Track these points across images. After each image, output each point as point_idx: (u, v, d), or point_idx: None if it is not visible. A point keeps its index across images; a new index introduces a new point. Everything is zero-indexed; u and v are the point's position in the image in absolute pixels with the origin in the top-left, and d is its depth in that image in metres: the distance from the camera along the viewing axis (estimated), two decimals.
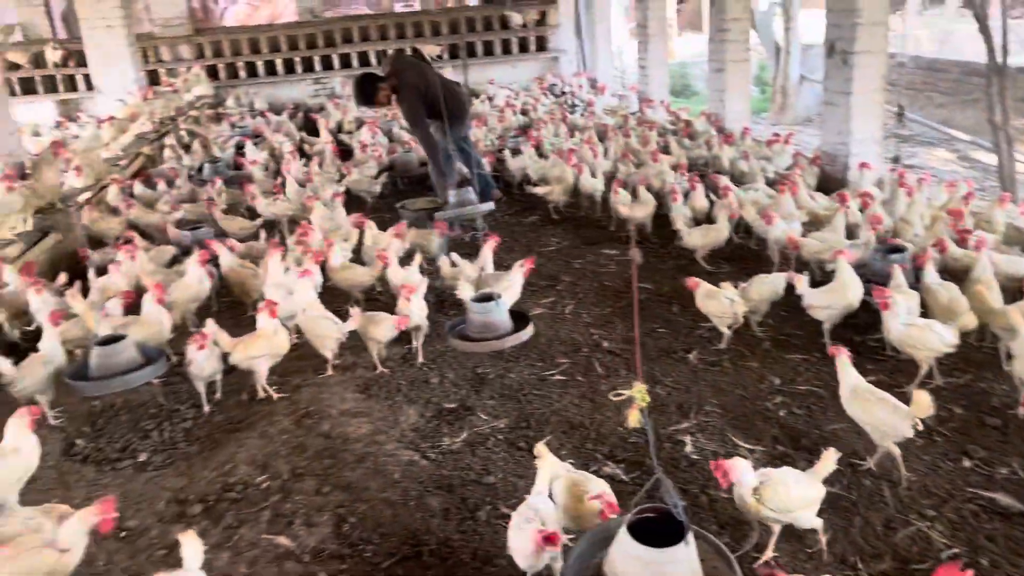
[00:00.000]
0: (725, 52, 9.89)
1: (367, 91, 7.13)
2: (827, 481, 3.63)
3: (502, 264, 5.92)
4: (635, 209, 7.10)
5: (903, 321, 4.34)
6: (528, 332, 4.51)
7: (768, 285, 5.10)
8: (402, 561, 3.31)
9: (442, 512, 3.61)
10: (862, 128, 7.62)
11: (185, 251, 6.49)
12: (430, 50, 16.04)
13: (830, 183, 7.73)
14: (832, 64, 7.72)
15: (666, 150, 8.90)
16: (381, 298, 5.88)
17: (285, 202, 7.55)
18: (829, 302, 4.81)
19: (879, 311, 4.49)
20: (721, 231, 6.28)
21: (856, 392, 3.71)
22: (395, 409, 4.53)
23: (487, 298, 4.58)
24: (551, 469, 3.17)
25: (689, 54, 23.38)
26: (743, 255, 6.61)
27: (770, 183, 7.65)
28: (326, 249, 5.83)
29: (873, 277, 5.06)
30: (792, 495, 3.05)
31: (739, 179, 7.98)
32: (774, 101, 16.46)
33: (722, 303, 4.90)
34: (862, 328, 5.10)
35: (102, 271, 5.91)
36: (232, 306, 5.97)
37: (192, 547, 2.81)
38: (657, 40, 12.46)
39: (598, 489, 2.98)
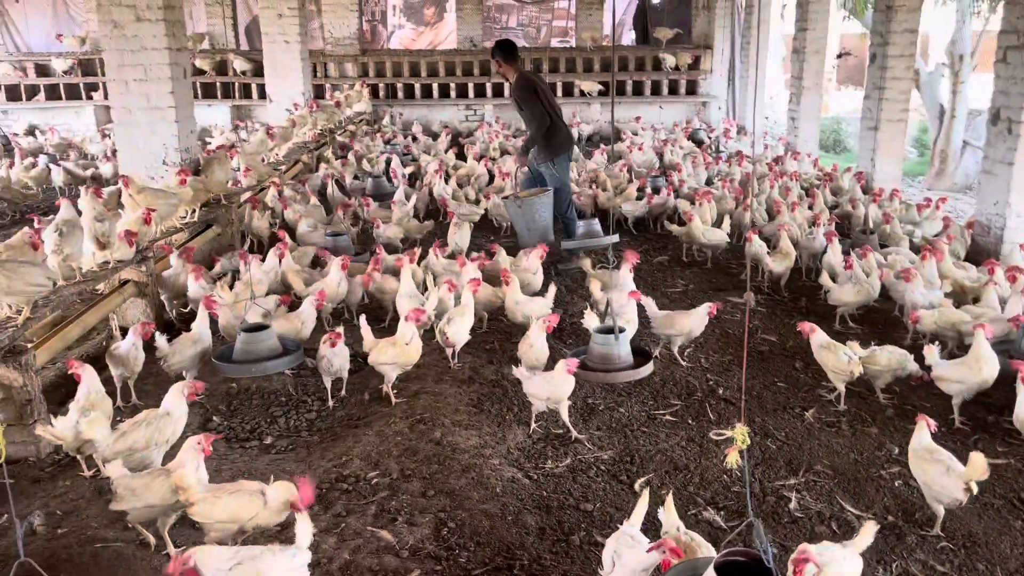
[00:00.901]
0: (881, 111, 9.61)
1: (503, 48, 7.67)
2: (937, 559, 3.52)
3: None
4: (775, 260, 6.97)
5: None
6: (645, 371, 4.56)
7: (897, 356, 4.92)
8: (494, 571, 3.43)
9: (537, 531, 3.71)
10: (1023, 202, 7.23)
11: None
12: (588, 87, 16.35)
13: (981, 255, 7.36)
14: (996, 132, 7.38)
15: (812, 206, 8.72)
16: (503, 319, 6.04)
17: (396, 227, 7.78)
18: (961, 376, 4.60)
19: (1016, 391, 4.27)
20: (873, 285, 6.10)
21: (916, 452, 3.77)
22: (504, 427, 4.67)
23: (611, 330, 4.66)
24: (667, 522, 3.18)
25: (846, 109, 22.69)
26: (876, 318, 6.40)
27: (916, 249, 7.37)
28: (459, 266, 6.09)
29: (1017, 354, 4.81)
30: (845, 574, 2.90)
31: (883, 241, 7.74)
32: (932, 165, 15.73)
33: (839, 358, 4.79)
34: (997, 408, 4.85)
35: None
36: (368, 309, 6.27)
37: (304, 526, 3.02)
38: (811, 93, 12.26)
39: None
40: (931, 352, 4.74)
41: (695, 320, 5.44)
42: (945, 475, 3.58)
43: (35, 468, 4.21)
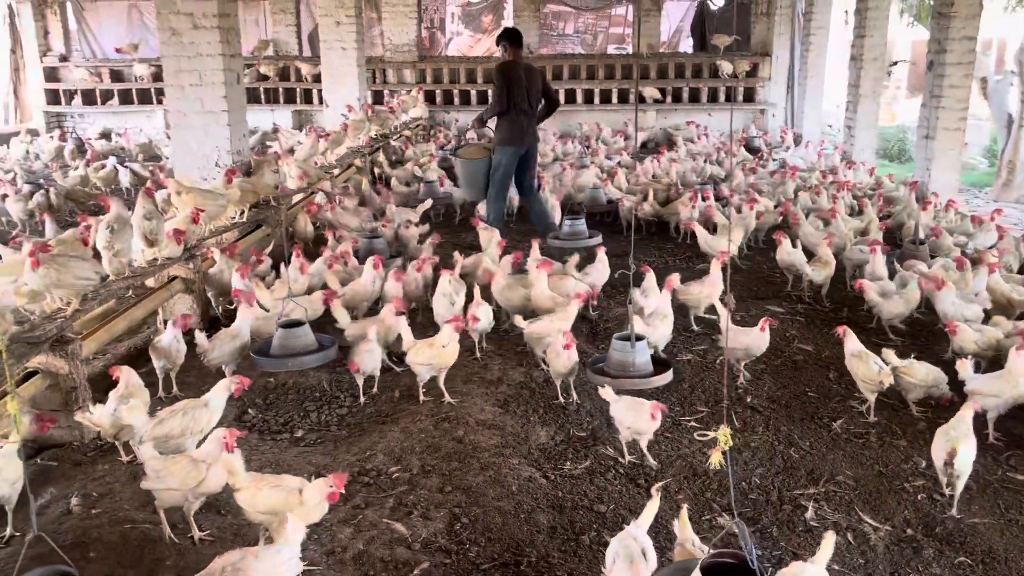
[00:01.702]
0: (937, 119, 9.38)
1: (509, 35, 8.20)
2: (954, 574, 3.46)
3: None
4: (815, 269, 6.87)
5: None
6: (662, 379, 4.54)
7: (934, 373, 4.82)
8: (501, 567, 3.49)
9: (548, 529, 3.76)
10: None
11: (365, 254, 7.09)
12: (647, 93, 16.33)
13: None
14: None
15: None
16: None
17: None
18: (996, 390, 4.49)
19: None
20: (916, 295, 6.00)
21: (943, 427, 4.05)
22: (527, 428, 4.73)
23: (638, 336, 4.66)
24: (682, 534, 3.17)
25: (914, 118, 22.12)
26: (919, 331, 6.27)
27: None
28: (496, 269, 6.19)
29: None
30: None
31: (935, 252, 7.55)
32: (999, 176, 15.20)
33: (870, 368, 4.71)
34: None
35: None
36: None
37: (296, 525, 3.10)
38: (868, 102, 12.04)
39: None
40: (964, 366, 4.65)
41: (752, 337, 5.27)
42: (944, 444, 3.88)
43: (78, 452, 4.43)
